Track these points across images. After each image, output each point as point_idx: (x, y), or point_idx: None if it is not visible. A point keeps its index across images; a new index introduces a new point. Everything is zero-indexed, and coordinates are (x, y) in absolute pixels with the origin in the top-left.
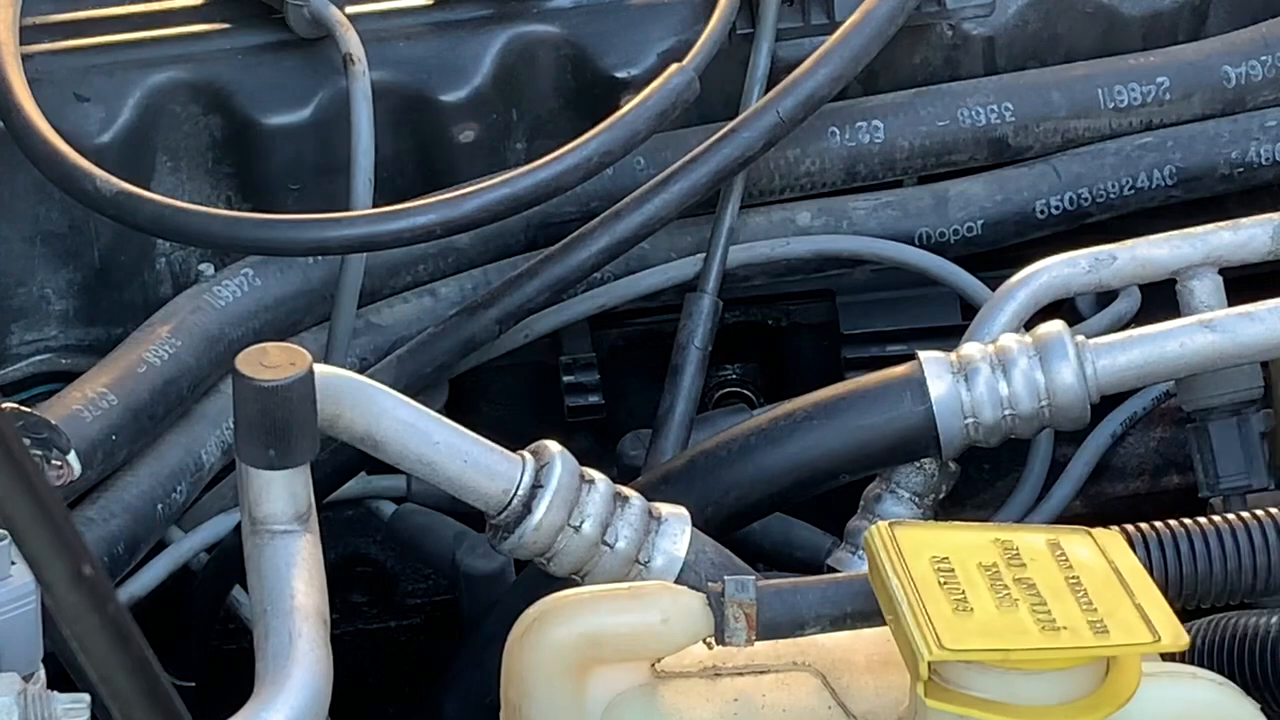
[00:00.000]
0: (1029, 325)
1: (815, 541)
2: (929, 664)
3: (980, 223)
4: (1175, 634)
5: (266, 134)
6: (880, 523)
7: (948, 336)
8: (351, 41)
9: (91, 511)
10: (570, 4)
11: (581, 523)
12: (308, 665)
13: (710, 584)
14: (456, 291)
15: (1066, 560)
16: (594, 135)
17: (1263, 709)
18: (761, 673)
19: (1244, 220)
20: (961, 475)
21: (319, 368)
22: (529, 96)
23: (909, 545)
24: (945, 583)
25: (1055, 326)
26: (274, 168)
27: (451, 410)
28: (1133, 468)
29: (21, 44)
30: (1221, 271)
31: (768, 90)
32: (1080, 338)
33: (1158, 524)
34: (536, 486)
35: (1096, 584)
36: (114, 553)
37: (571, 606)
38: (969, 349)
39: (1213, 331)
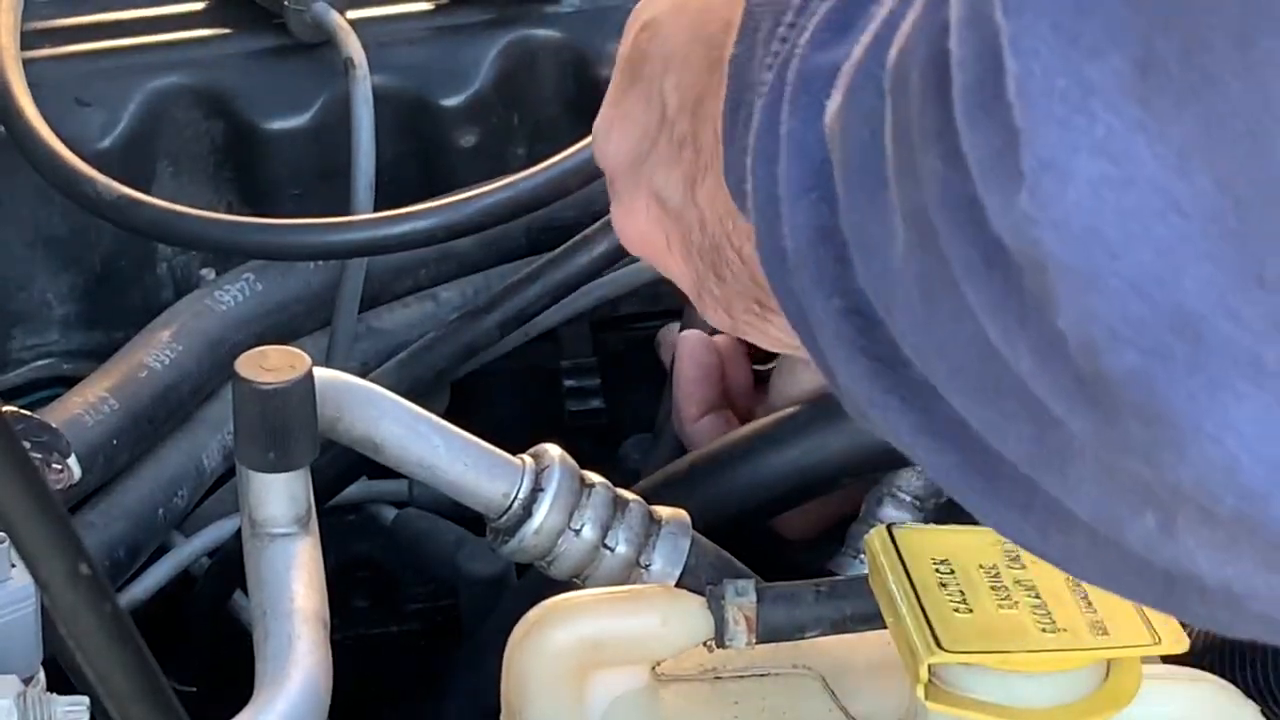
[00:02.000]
0: None
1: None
2: (928, 666)
3: None
4: (1175, 636)
5: (267, 139)
6: (880, 526)
7: None
8: (352, 46)
9: (92, 516)
10: (571, 8)
11: (582, 526)
12: (306, 668)
13: (710, 587)
14: (458, 296)
15: None
16: None
17: (1263, 711)
18: (762, 676)
19: None
20: None
21: (319, 371)
22: (530, 100)
23: (909, 547)
24: (945, 584)
25: None
26: (275, 172)
27: (452, 414)
28: None
29: (22, 49)
30: None
31: None
32: None
33: None
34: (537, 490)
35: None
36: (115, 557)
37: (571, 609)
38: None
39: None
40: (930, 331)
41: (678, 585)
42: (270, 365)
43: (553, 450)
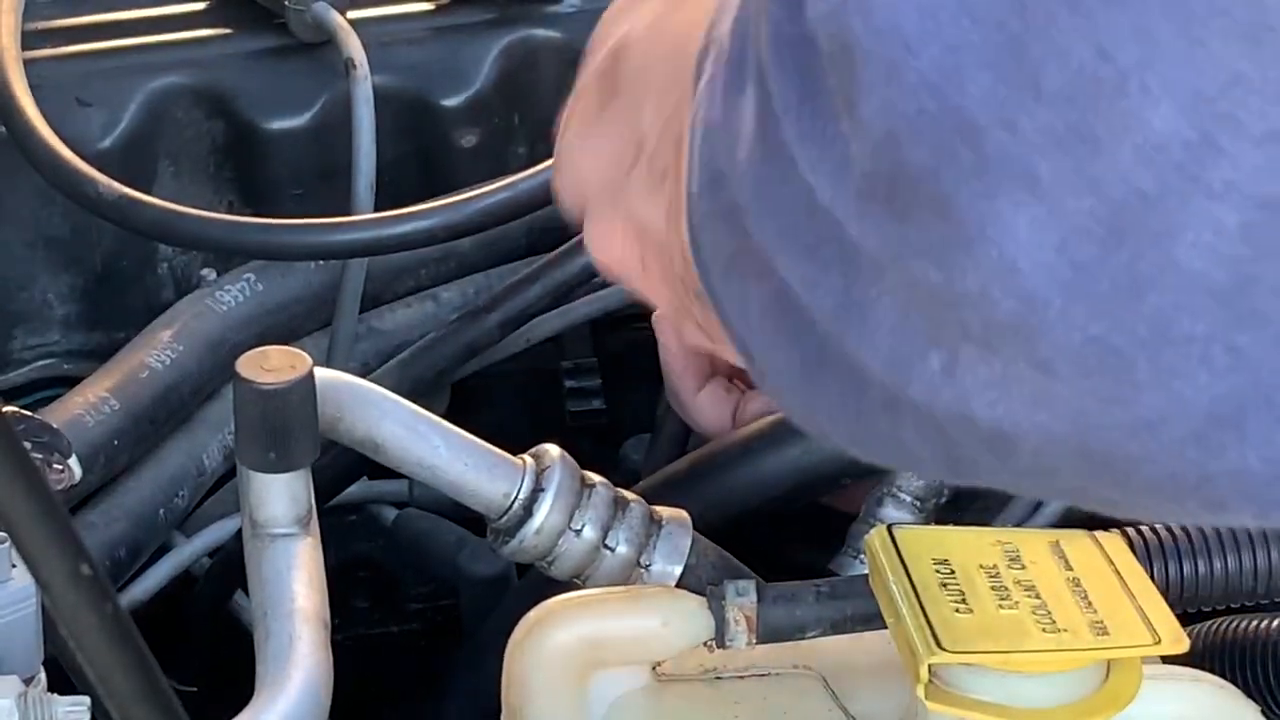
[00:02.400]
0: None
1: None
2: (929, 666)
3: None
4: (1175, 636)
5: (268, 139)
6: (880, 526)
7: None
8: (353, 46)
9: (93, 516)
10: (572, 8)
11: (582, 526)
12: (307, 668)
13: (711, 587)
14: (458, 296)
15: (1067, 562)
16: None
17: (1263, 712)
18: (762, 676)
19: None
20: None
21: (320, 371)
22: (531, 100)
23: (909, 547)
24: (945, 584)
25: None
26: (276, 172)
27: (453, 414)
28: None
29: (23, 49)
30: None
31: None
32: None
33: (1159, 526)
34: (537, 490)
35: (1097, 586)
36: (115, 557)
37: (572, 610)
38: None
39: None
40: (769, 197)
41: (678, 585)
42: (271, 365)
43: (553, 450)
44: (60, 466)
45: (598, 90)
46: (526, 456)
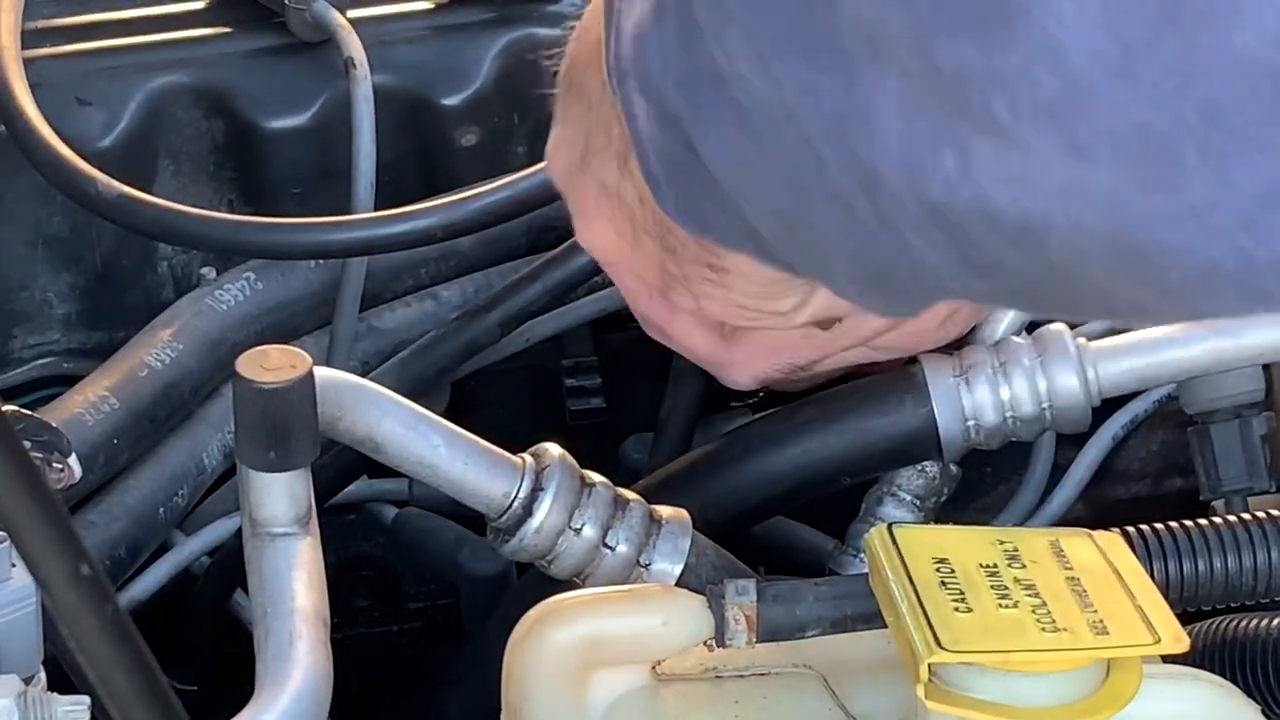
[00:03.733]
0: (1031, 327)
1: (816, 544)
2: (929, 665)
3: None
4: (1175, 635)
5: (268, 138)
6: (880, 524)
7: None
8: (353, 45)
9: (93, 515)
10: (573, 7)
11: (582, 525)
12: (307, 667)
13: (711, 586)
14: (458, 295)
15: (1067, 561)
16: None
17: (1264, 711)
18: (762, 675)
19: None
20: (963, 478)
21: (320, 370)
22: (530, 99)
23: (909, 546)
24: (945, 583)
25: (1057, 328)
26: (275, 171)
27: (453, 413)
28: (1135, 471)
29: (23, 48)
30: None
31: None
32: (1082, 340)
33: (1158, 525)
34: (537, 489)
35: (1097, 585)
36: (115, 556)
37: (572, 609)
38: (971, 351)
39: (1215, 334)
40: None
41: (678, 584)
42: (271, 364)
43: (553, 449)
44: (60, 465)
45: (561, 83)
46: (526, 455)
